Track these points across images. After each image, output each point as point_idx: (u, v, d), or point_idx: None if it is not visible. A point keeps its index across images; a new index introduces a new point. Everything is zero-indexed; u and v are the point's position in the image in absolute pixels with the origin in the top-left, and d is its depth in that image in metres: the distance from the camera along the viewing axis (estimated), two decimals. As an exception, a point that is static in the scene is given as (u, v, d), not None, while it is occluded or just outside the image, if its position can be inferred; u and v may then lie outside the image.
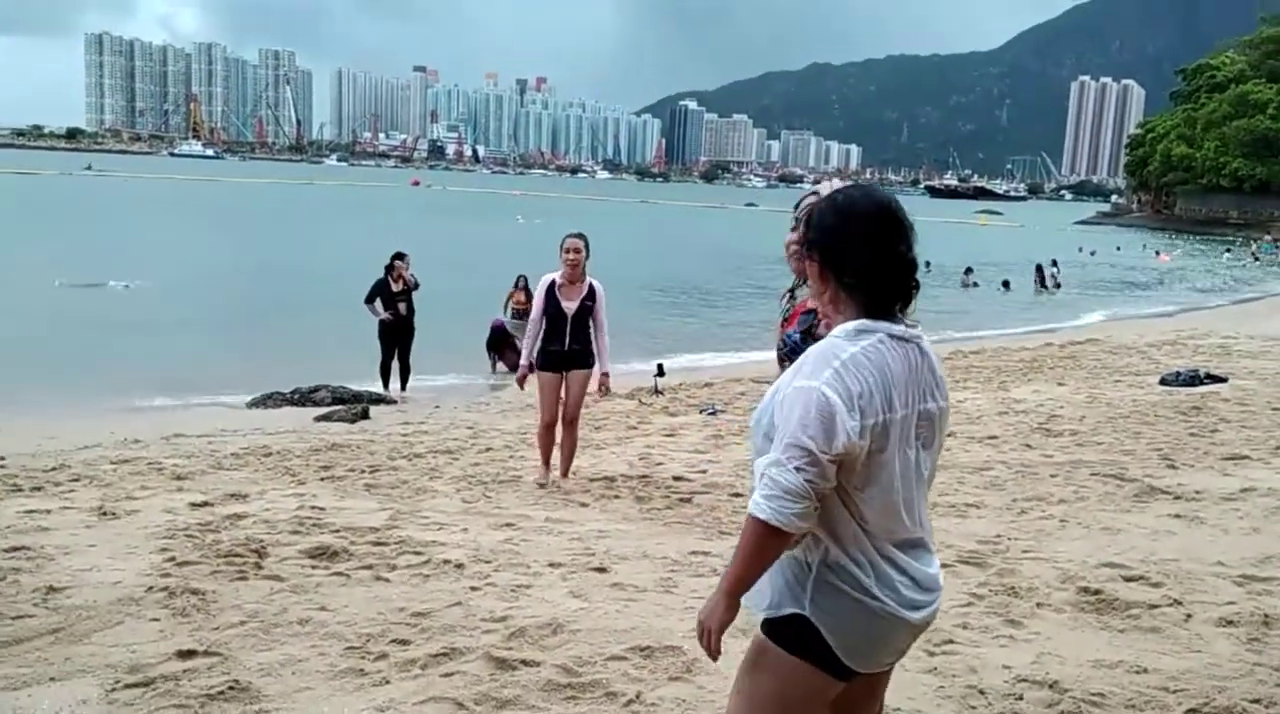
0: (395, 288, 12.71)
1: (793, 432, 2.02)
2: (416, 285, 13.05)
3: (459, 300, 18.35)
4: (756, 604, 2.20)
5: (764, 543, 2.06)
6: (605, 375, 7.28)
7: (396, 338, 12.85)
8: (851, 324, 2.15)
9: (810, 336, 2.80)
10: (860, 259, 2.14)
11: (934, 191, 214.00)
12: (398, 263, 12.81)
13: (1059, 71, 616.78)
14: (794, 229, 3.09)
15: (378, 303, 12.66)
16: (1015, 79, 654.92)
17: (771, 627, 2.19)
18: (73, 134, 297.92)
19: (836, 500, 2.11)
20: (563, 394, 7.23)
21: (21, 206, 49.07)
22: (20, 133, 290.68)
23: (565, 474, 7.29)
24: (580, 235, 7.13)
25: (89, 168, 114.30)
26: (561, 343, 7.10)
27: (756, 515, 2.03)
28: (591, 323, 7.15)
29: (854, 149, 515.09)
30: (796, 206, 3.24)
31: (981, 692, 3.51)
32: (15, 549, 5.32)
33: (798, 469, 1.99)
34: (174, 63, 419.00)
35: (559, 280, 7.09)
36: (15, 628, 4.16)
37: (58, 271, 22.78)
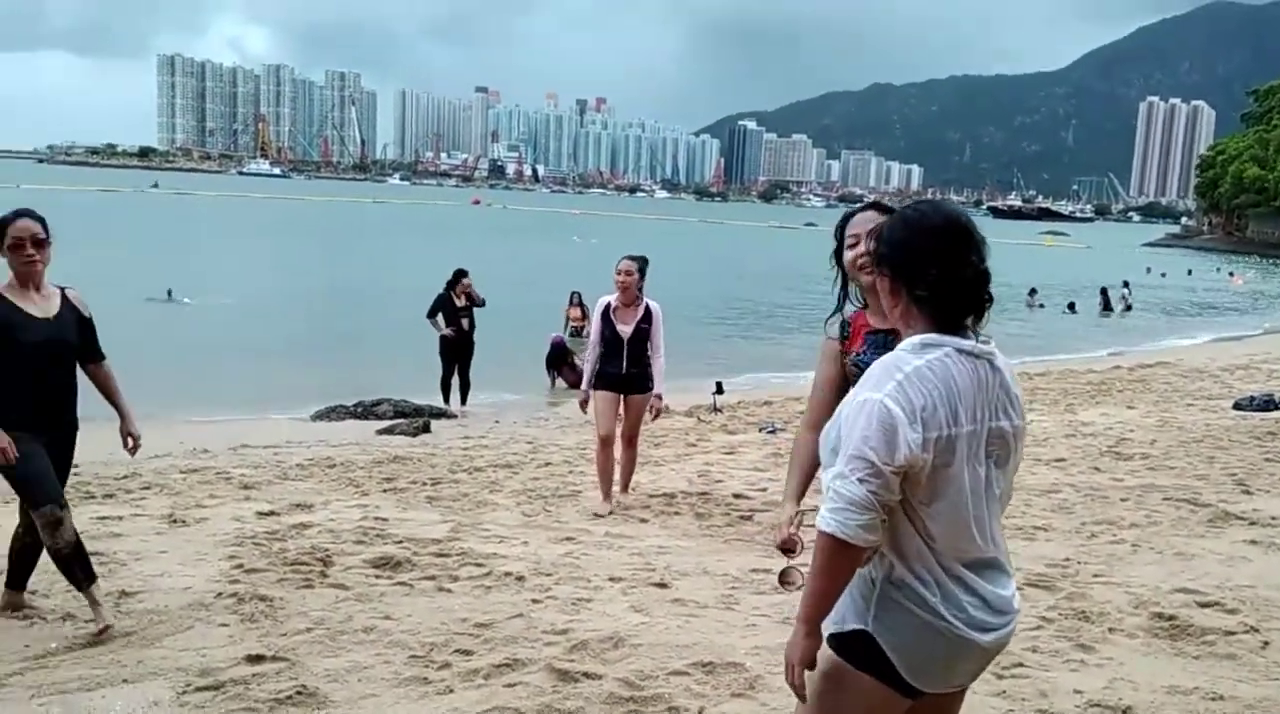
0: (458, 303, 12.83)
1: (855, 444, 2.02)
2: (482, 302, 13.17)
3: (518, 317, 18.49)
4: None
5: (834, 559, 2.05)
6: (658, 397, 7.15)
7: (457, 353, 12.96)
8: (918, 338, 2.14)
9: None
10: (930, 272, 2.13)
11: (997, 212, 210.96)
12: (463, 280, 12.94)
13: (1126, 92, 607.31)
14: (851, 247, 3.05)
15: (439, 318, 12.78)
16: (1081, 99, 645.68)
17: (837, 641, 2.18)
18: (145, 153, 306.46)
19: (902, 516, 2.09)
20: (621, 412, 7.14)
21: (97, 223, 50.51)
22: (95, 151, 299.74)
23: (625, 489, 7.20)
24: (635, 258, 7.04)
25: (155, 186, 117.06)
26: (619, 366, 6.99)
27: (823, 529, 2.03)
28: (649, 345, 7.03)
29: (915, 169, 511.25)
30: (840, 227, 3.22)
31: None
32: (90, 554, 5.44)
33: (860, 480, 1.99)
34: (243, 84, 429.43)
35: (614, 303, 7.01)
36: (91, 630, 4.26)
37: (132, 286, 23.43)
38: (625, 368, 6.97)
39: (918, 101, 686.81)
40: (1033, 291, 30.96)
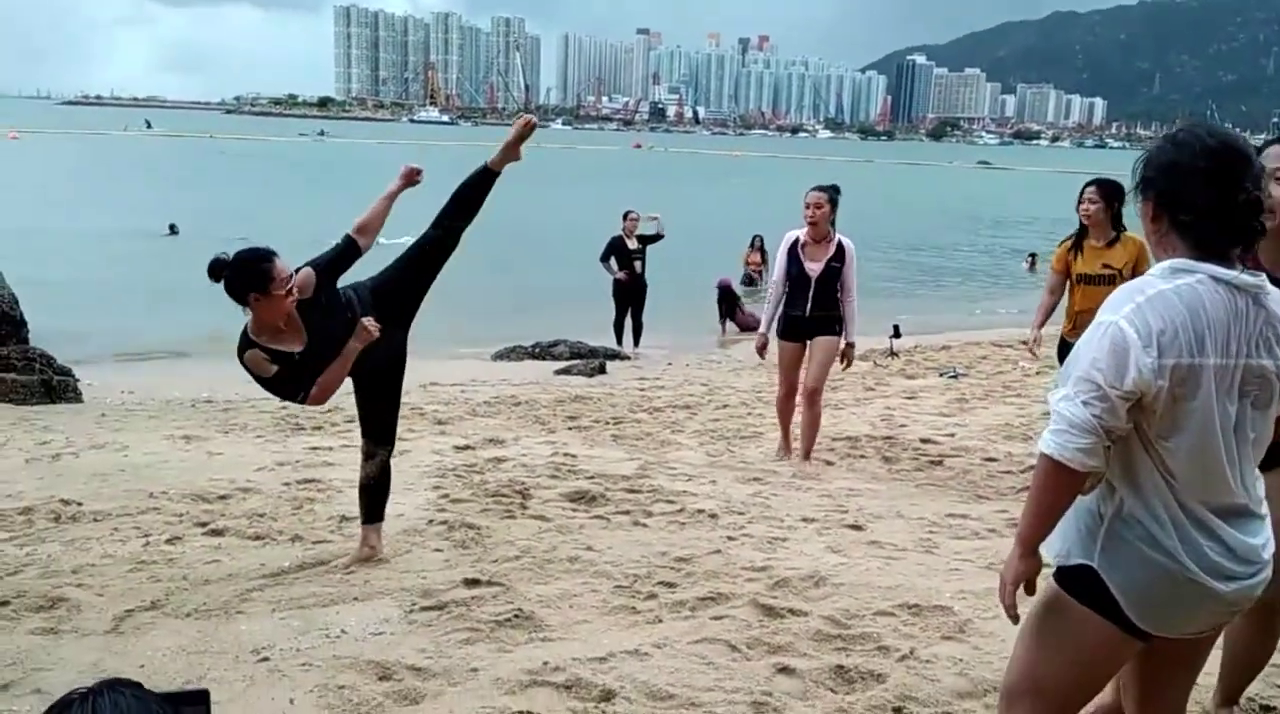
0: (630, 246, 12.92)
1: (1084, 366, 1.95)
2: (660, 235, 13.17)
3: (688, 261, 18.51)
4: (1048, 550, 2.13)
5: (1052, 481, 2.00)
6: (850, 346, 6.48)
7: (630, 296, 13.10)
8: (1168, 262, 2.04)
9: None
10: (1197, 196, 2.01)
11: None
12: (625, 222, 12.98)
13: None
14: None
15: (613, 261, 12.90)
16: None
17: (1061, 575, 2.14)
18: (323, 103, 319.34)
19: (1139, 447, 2.01)
20: (805, 362, 6.55)
21: (287, 170, 53.10)
22: (278, 102, 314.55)
23: (807, 455, 6.49)
24: (824, 188, 6.42)
25: (322, 133, 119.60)
26: (803, 308, 6.35)
27: (1043, 451, 1.99)
28: (839, 286, 6.37)
29: (1099, 102, 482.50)
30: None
31: None
32: (307, 481, 5.83)
33: (1084, 403, 1.93)
34: (414, 32, 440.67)
35: (802, 238, 6.37)
36: (318, 551, 4.58)
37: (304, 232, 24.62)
38: (810, 310, 6.35)
39: (1103, 29, 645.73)
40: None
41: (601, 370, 11.32)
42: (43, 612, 3.76)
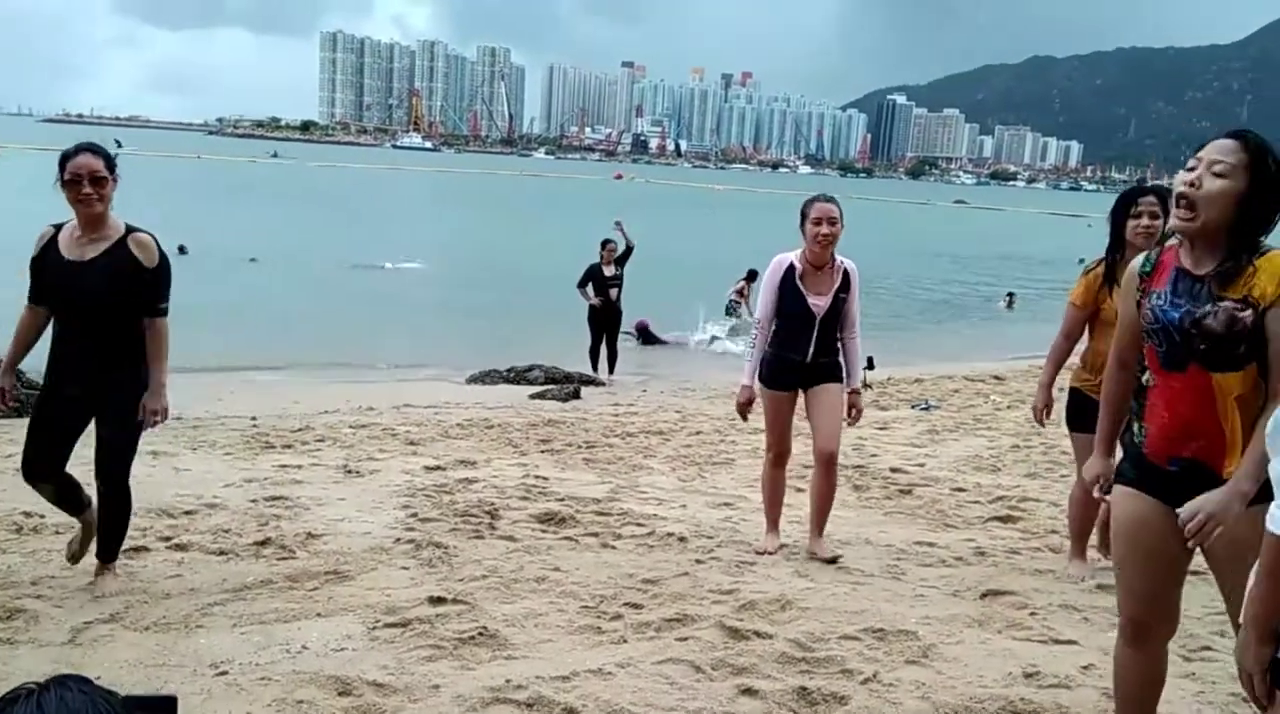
0: (607, 273, 13.00)
1: None
2: (631, 247, 13.21)
3: (660, 288, 18.60)
4: None
5: None
6: (855, 393, 5.14)
7: (604, 322, 13.17)
8: None
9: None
10: None
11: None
12: (607, 250, 13.08)
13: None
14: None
15: (589, 288, 12.98)
16: (1260, 73, 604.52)
17: None
18: (306, 126, 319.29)
19: None
20: (808, 416, 5.11)
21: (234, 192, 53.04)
22: (260, 124, 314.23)
23: (820, 530, 5.05)
24: (832, 199, 4.96)
25: (274, 155, 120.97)
26: (804, 352, 4.95)
27: (1271, 530, 1.81)
28: (841, 323, 5.03)
29: (1074, 145, 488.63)
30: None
31: (1245, 700, 3.29)
32: (274, 498, 5.78)
33: None
34: (399, 59, 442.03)
35: (799, 265, 4.94)
36: (283, 567, 4.53)
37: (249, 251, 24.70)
38: (812, 355, 4.96)
39: (1080, 74, 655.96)
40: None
41: (576, 395, 11.32)
42: (1, 623, 3.71)
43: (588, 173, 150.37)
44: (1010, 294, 24.77)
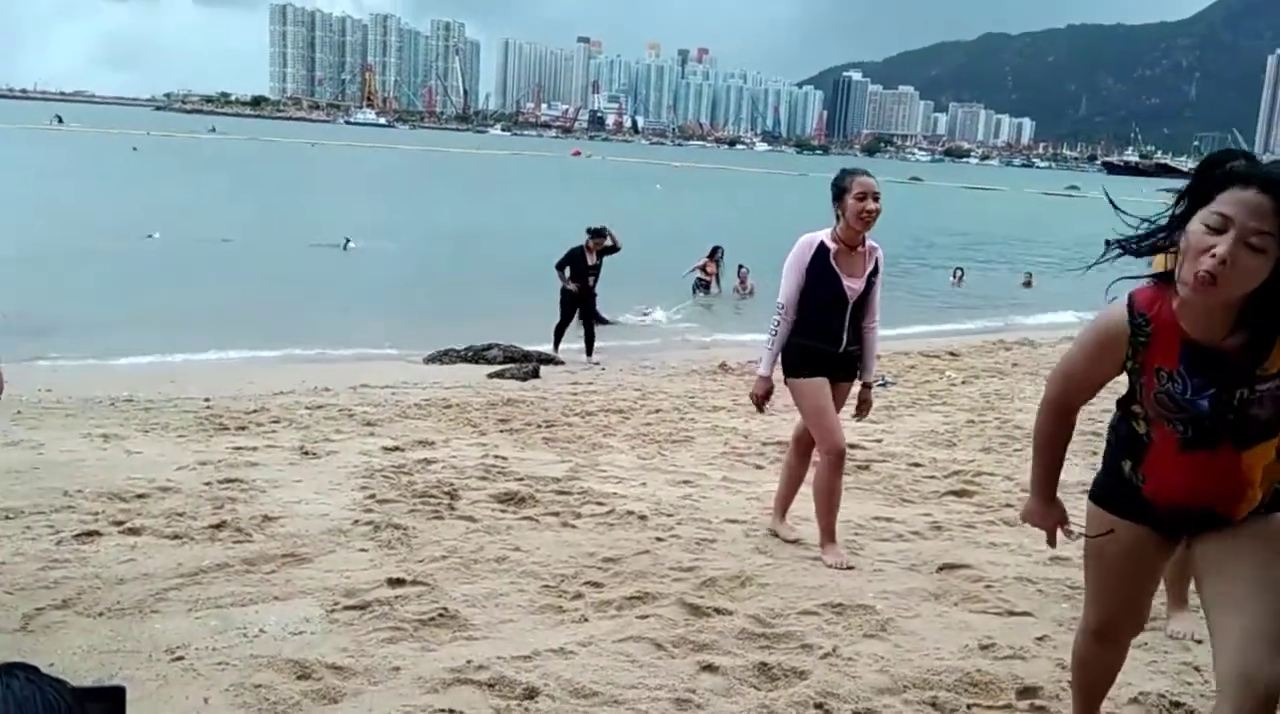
0: (590, 261, 12.90)
1: None
2: (618, 247, 13.18)
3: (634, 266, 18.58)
4: None
5: None
6: (867, 387, 4.83)
7: (578, 304, 13.09)
8: None
9: None
10: None
11: (1112, 168, 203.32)
12: (595, 240, 12.96)
13: (1255, 44, 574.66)
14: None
15: (567, 271, 12.88)
16: (1206, 51, 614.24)
17: None
18: (257, 102, 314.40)
19: None
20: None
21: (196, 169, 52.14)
22: (209, 99, 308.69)
23: (831, 534, 4.69)
24: (870, 174, 4.63)
25: (212, 130, 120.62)
26: (836, 341, 4.59)
27: None
28: (865, 309, 4.67)
29: (1026, 122, 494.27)
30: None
31: (1197, 668, 3.38)
32: (229, 481, 5.70)
33: None
34: (351, 33, 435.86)
35: (831, 245, 4.55)
36: (239, 551, 4.48)
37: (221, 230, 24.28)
38: (845, 344, 4.62)
39: (1033, 52, 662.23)
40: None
41: (535, 374, 11.28)
42: (-52, 611, 3.63)
43: (545, 150, 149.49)
44: (959, 269, 25.13)
